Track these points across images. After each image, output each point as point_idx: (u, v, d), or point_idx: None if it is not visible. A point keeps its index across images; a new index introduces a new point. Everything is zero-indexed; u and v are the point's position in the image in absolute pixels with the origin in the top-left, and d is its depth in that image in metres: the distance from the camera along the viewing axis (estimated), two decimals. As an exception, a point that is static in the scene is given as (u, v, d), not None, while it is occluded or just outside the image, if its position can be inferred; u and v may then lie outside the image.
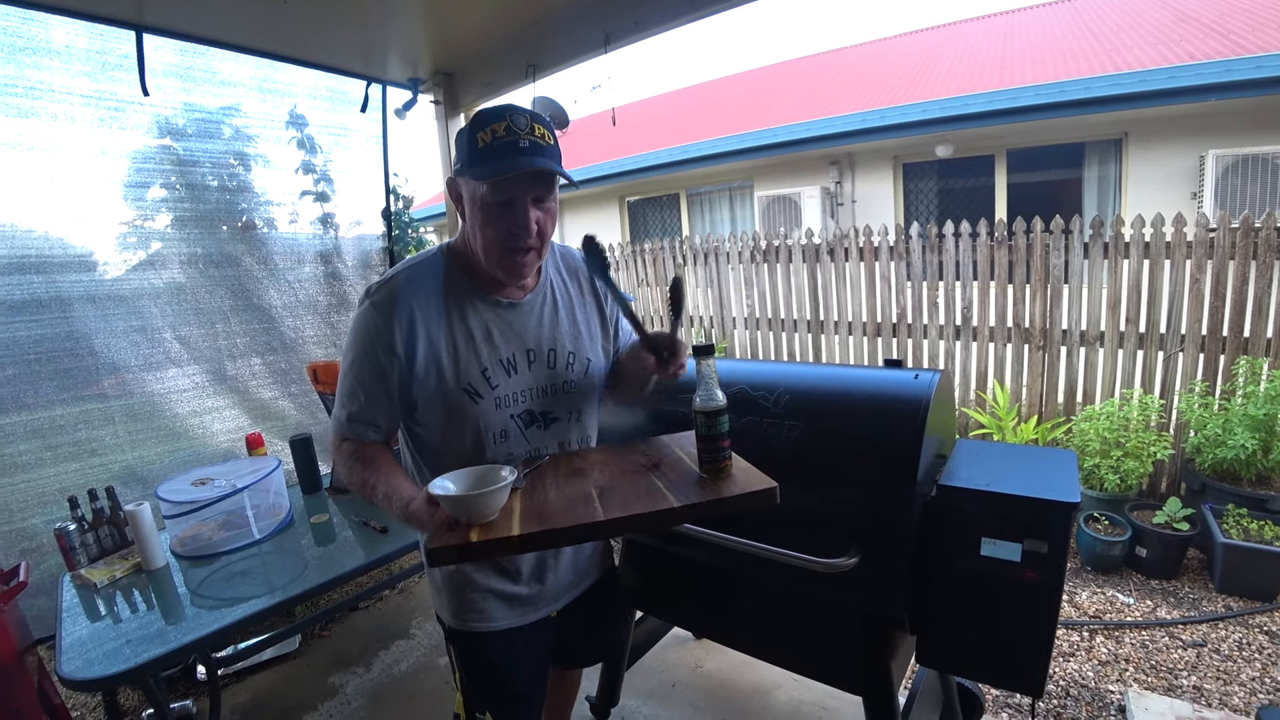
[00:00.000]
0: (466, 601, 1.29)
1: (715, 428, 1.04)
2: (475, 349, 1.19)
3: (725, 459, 1.06)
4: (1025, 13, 9.82)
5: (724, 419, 1.04)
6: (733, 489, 1.00)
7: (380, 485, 1.13)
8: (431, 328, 1.17)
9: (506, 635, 1.31)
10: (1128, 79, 5.04)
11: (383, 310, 1.16)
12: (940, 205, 6.79)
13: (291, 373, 3.11)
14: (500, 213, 1.11)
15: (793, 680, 2.32)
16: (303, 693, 2.51)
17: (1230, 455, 2.91)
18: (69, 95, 2.33)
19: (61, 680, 1.53)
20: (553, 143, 1.13)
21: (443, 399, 1.18)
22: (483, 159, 1.08)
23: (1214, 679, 2.31)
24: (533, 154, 1.08)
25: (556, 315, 1.29)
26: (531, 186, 1.11)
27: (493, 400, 1.20)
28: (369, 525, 2.25)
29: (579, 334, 1.32)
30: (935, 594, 1.35)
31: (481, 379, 1.19)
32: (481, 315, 1.21)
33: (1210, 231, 3.27)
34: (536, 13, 2.50)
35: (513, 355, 1.23)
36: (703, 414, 1.04)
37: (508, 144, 1.07)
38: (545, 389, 1.26)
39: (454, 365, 1.18)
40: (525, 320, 1.25)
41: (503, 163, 1.07)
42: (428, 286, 1.19)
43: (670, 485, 1.04)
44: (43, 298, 2.34)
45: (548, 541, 0.96)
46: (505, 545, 0.94)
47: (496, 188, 1.09)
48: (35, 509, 2.31)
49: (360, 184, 3.36)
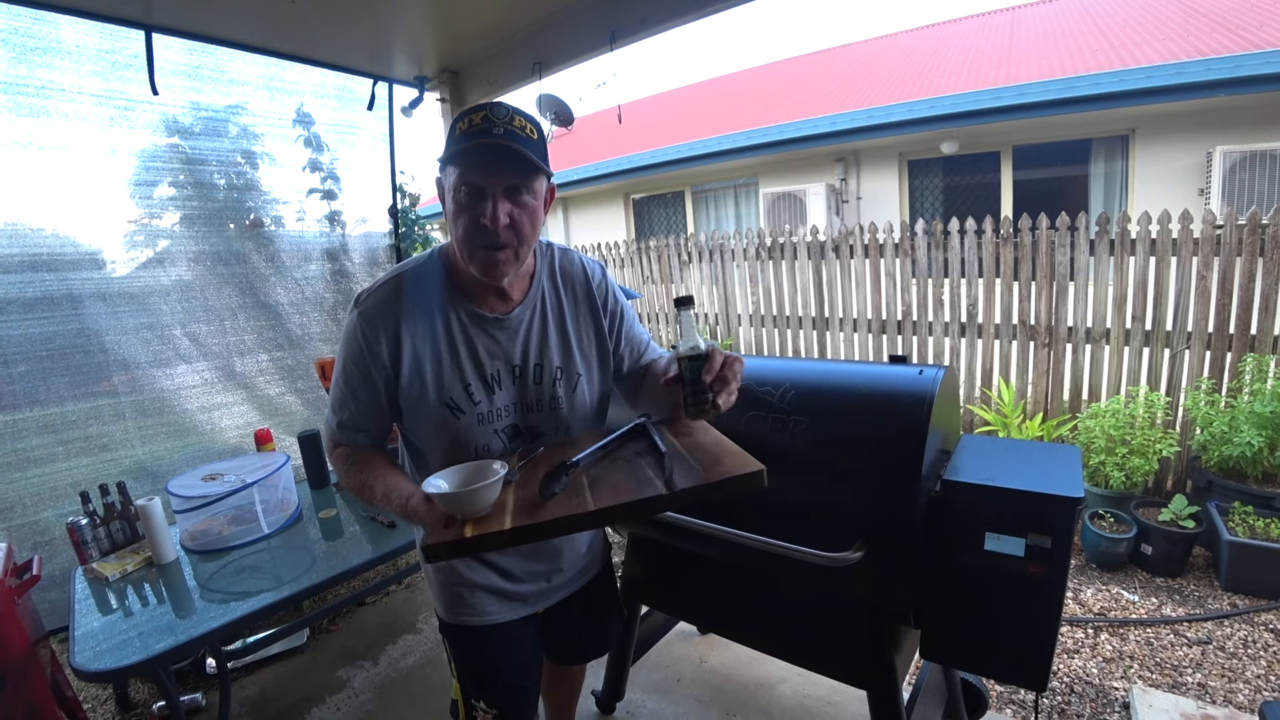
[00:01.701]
0: (457, 596, 1.31)
1: (698, 372, 1.07)
2: (459, 364, 1.18)
3: (708, 402, 1.07)
4: (1031, 8, 9.77)
5: (703, 361, 1.07)
6: (721, 473, 0.99)
7: (378, 486, 1.14)
8: (417, 340, 1.17)
9: (497, 629, 1.33)
10: (1135, 75, 5.02)
11: (369, 320, 1.16)
12: (946, 202, 6.77)
13: (299, 369, 3.13)
14: (469, 201, 1.07)
15: (797, 675, 2.33)
16: (310, 686, 2.53)
17: (1236, 453, 2.91)
18: (79, 95, 2.35)
19: (74, 671, 1.55)
20: (535, 136, 1.10)
21: (426, 412, 1.18)
22: (454, 145, 1.07)
23: (1219, 676, 2.31)
24: (505, 139, 1.05)
25: (546, 329, 1.25)
26: (501, 174, 1.07)
27: (474, 415, 1.19)
28: (376, 520, 2.27)
29: (569, 348, 1.27)
30: (939, 588, 1.36)
31: (464, 394, 1.18)
32: (467, 329, 1.19)
33: (1217, 228, 3.26)
34: (543, 10, 2.50)
35: (497, 371, 1.21)
36: (687, 359, 1.07)
37: (481, 130, 1.05)
38: (531, 404, 1.24)
39: (437, 379, 1.17)
40: (512, 336, 1.22)
41: (470, 143, 1.05)
42: (416, 295, 1.18)
43: (660, 472, 1.04)
44: (54, 295, 2.37)
45: (540, 533, 0.96)
46: (498, 539, 0.95)
47: (464, 173, 1.07)
48: (48, 503, 2.34)
49: (367, 182, 3.37)
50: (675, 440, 1.17)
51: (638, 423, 1.25)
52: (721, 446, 1.10)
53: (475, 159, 1.06)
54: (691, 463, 1.06)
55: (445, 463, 1.15)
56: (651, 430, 1.20)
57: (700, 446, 1.12)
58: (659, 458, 1.08)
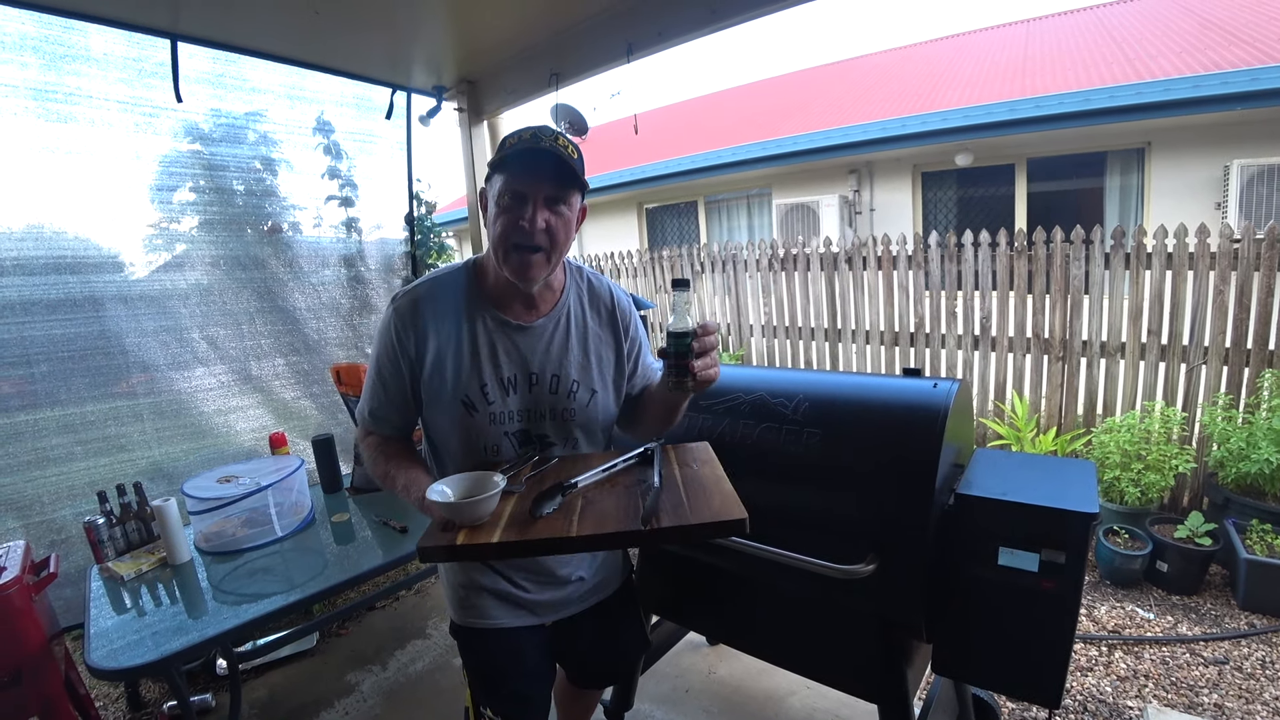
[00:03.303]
0: (466, 598, 1.36)
1: (681, 347, 1.11)
2: (478, 364, 1.25)
3: (687, 377, 1.12)
4: (1046, 20, 9.76)
5: (688, 340, 1.11)
6: (703, 517, 1.03)
7: (400, 477, 1.22)
8: (442, 338, 1.25)
9: (503, 635, 1.35)
10: (1152, 88, 5.00)
11: (402, 316, 1.25)
12: (959, 214, 6.75)
13: (314, 374, 3.16)
14: (511, 204, 1.16)
15: (806, 687, 2.31)
16: (320, 690, 2.54)
17: (1254, 470, 2.87)
18: (106, 101, 2.40)
19: (88, 669, 1.57)
20: (576, 155, 1.19)
21: (443, 406, 1.26)
22: (502, 156, 1.16)
23: (1236, 697, 2.28)
24: (550, 151, 1.14)
25: (567, 343, 1.31)
26: (544, 184, 1.16)
27: (487, 415, 1.25)
28: (389, 525, 2.28)
29: (588, 364, 1.33)
30: (952, 602, 1.35)
31: (479, 394, 1.25)
32: (490, 333, 1.26)
33: (1235, 242, 3.23)
34: (561, 22, 2.53)
35: (514, 375, 1.27)
36: (672, 335, 1.12)
37: (529, 141, 1.15)
38: (543, 412, 1.30)
39: (456, 376, 1.24)
40: (533, 343, 1.28)
41: (517, 153, 1.14)
42: (447, 298, 1.27)
43: (649, 506, 1.06)
44: (77, 297, 2.41)
45: (523, 550, 1.01)
46: (484, 550, 1.00)
47: (510, 180, 1.16)
48: (65, 502, 2.38)
49: (384, 189, 3.42)
50: (677, 471, 1.22)
51: (648, 447, 1.29)
52: (716, 486, 1.14)
53: (522, 163, 1.15)
54: (683, 497, 1.10)
55: (458, 457, 1.27)
56: (656, 459, 1.24)
57: (697, 481, 1.17)
58: (653, 491, 1.12)
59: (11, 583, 1.71)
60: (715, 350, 1.15)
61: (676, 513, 1.05)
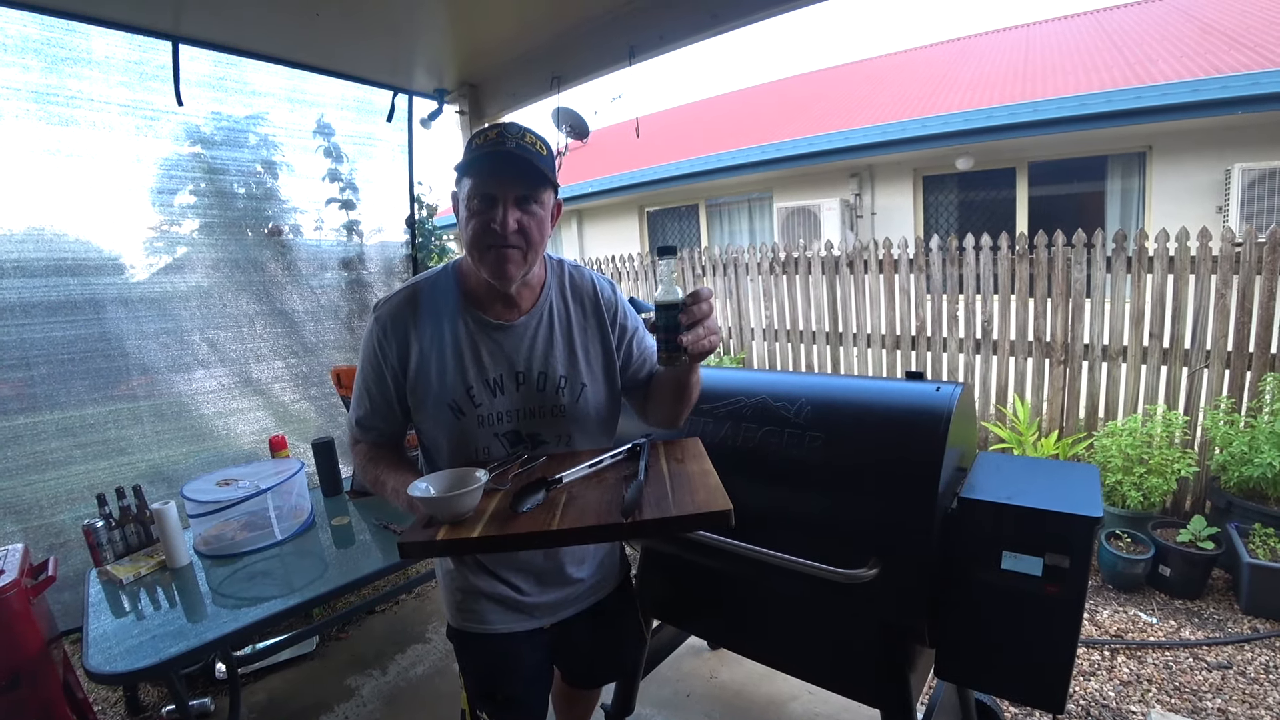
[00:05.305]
0: (463, 602, 1.35)
1: (669, 320, 1.10)
2: (463, 367, 1.23)
3: (677, 350, 1.10)
4: (1046, 24, 9.78)
5: (675, 312, 1.09)
6: (685, 509, 1.01)
7: (390, 480, 1.21)
8: (425, 343, 1.23)
9: (500, 639, 1.34)
10: (1151, 92, 5.00)
11: (383, 325, 1.24)
12: (960, 218, 6.75)
13: (314, 376, 3.16)
14: (481, 208, 1.13)
15: (809, 692, 2.30)
16: (319, 693, 2.53)
17: (1257, 474, 2.86)
18: (107, 104, 2.40)
19: (87, 673, 1.56)
20: (544, 152, 1.17)
21: (431, 411, 1.24)
22: (468, 159, 1.14)
23: (1239, 702, 2.27)
24: (516, 150, 1.12)
25: (552, 338, 1.29)
26: (512, 184, 1.13)
27: (475, 418, 1.24)
28: (388, 528, 2.27)
29: (574, 358, 1.31)
30: (955, 607, 1.35)
31: (465, 397, 1.23)
32: (473, 334, 1.25)
33: (1236, 245, 3.23)
34: (562, 26, 2.53)
35: (500, 376, 1.25)
36: (659, 307, 1.10)
37: (495, 143, 1.12)
38: (533, 411, 1.28)
39: (440, 380, 1.23)
40: (516, 342, 1.26)
41: (483, 155, 1.12)
42: (429, 304, 1.26)
43: (630, 498, 1.04)
44: (77, 299, 2.41)
45: (504, 545, 1.01)
46: (465, 545, 0.99)
47: (478, 182, 1.13)
48: (64, 505, 2.37)
49: (385, 192, 3.41)
50: (665, 465, 1.21)
51: (636, 443, 1.28)
52: (703, 479, 1.13)
53: (488, 167, 1.13)
54: (668, 490, 1.09)
55: (450, 462, 1.25)
56: (642, 453, 1.22)
57: (684, 474, 1.15)
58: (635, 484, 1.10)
59: (9, 586, 1.70)
60: (710, 318, 1.10)
61: (660, 505, 1.03)
